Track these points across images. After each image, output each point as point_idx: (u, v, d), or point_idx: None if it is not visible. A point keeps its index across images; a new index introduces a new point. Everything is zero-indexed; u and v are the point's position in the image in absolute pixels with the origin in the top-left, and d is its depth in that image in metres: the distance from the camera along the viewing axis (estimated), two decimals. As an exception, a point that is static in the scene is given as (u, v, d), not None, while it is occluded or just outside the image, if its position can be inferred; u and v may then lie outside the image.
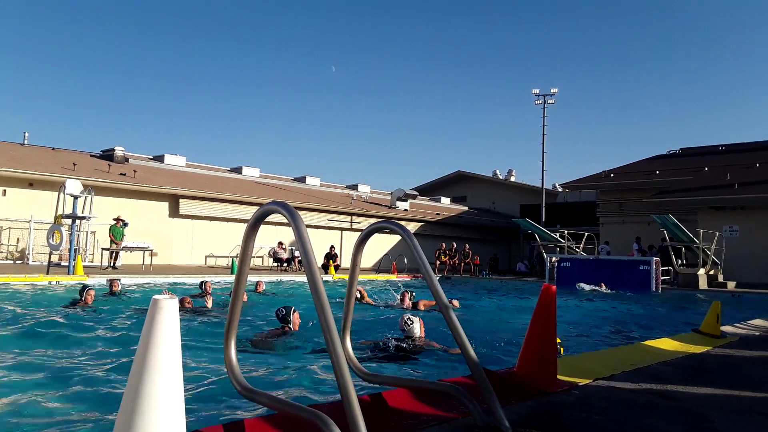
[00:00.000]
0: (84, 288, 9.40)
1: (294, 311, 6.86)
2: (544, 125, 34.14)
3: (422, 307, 10.39)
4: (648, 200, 26.19)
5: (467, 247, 27.13)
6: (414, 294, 11.26)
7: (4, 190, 18.82)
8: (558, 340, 5.38)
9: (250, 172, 30.13)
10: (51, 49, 70.74)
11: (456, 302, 10.93)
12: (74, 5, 70.67)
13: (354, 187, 34.53)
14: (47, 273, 13.88)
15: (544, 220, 32.40)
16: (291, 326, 6.74)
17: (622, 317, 11.37)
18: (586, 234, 25.10)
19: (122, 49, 73.72)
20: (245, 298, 11.02)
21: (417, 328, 6.25)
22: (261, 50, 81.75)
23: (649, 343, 5.84)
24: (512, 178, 45.31)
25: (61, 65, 72.25)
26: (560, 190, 38.40)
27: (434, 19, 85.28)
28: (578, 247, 24.26)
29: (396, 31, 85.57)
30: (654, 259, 18.80)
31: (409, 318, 6.33)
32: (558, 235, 24.71)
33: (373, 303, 11.44)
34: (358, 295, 11.27)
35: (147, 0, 74.76)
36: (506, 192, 41.64)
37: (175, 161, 27.04)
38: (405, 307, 11.06)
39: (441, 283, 3.33)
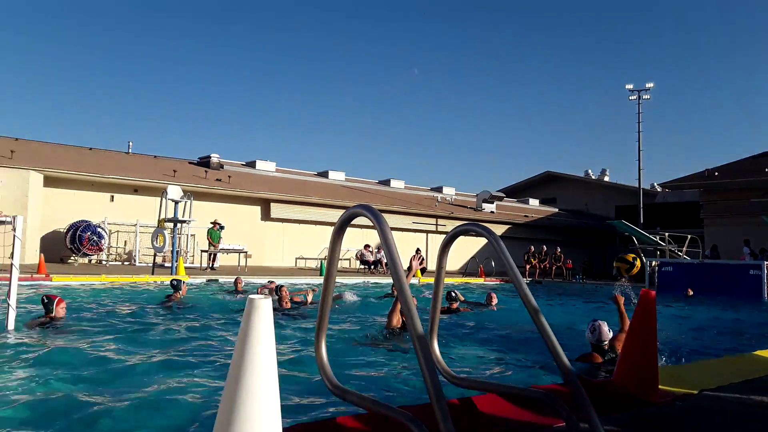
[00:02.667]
0: (178, 282, 10.06)
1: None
2: (639, 122, 32.47)
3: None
4: (757, 200, 24.20)
5: (558, 250, 26.26)
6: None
7: (112, 196, 20.34)
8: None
9: (336, 176, 30.77)
10: (151, 65, 75.88)
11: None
12: (171, 20, 75.45)
13: (439, 190, 34.42)
14: (152, 273, 14.83)
15: (642, 222, 30.81)
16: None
17: (731, 325, 10.58)
18: (689, 236, 23.56)
19: (217, 62, 77.79)
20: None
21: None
22: (343, 59, 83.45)
23: (761, 353, 5.40)
24: (606, 178, 43.34)
25: (162, 79, 77.34)
26: (659, 190, 36.39)
27: (519, 15, 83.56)
28: (680, 251, 22.84)
29: (479, 29, 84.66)
30: (766, 263, 17.36)
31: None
32: (658, 237, 23.39)
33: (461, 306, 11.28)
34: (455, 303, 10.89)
35: (241, 11, 78.46)
36: (600, 193, 39.94)
37: (265, 167, 28.11)
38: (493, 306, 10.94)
39: (532, 288, 3.24)
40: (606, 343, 5.16)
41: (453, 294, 10.15)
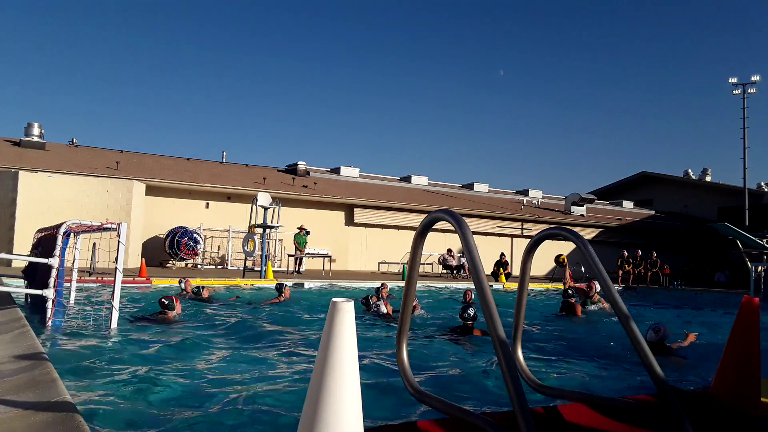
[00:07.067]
0: (282, 285, 10.92)
1: None
2: (744, 117, 30.27)
3: None
4: None
5: (654, 254, 24.89)
6: None
7: (207, 203, 21.46)
8: None
9: (419, 181, 30.79)
10: (244, 79, 79.50)
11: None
12: (259, 34, 78.68)
13: (524, 193, 33.65)
14: (243, 277, 15.50)
15: (747, 224, 28.64)
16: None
17: None
18: (802, 240, 21.62)
19: (305, 73, 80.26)
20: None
21: None
22: (426, 61, 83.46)
23: None
24: (707, 178, 40.55)
25: (253, 91, 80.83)
26: (767, 190, 33.68)
27: (610, 10, 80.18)
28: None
29: (565, 28, 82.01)
30: None
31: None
32: (765, 241, 21.63)
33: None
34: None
35: (326, 19, 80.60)
36: (700, 194, 37.44)
37: (349, 173, 28.61)
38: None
39: (625, 295, 3.10)
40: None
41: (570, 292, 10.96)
